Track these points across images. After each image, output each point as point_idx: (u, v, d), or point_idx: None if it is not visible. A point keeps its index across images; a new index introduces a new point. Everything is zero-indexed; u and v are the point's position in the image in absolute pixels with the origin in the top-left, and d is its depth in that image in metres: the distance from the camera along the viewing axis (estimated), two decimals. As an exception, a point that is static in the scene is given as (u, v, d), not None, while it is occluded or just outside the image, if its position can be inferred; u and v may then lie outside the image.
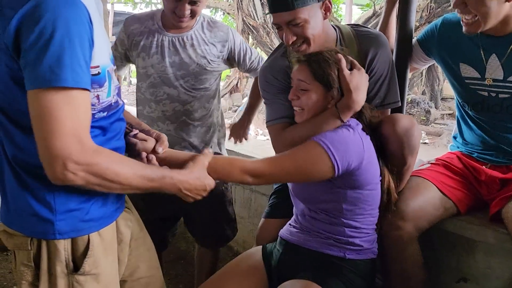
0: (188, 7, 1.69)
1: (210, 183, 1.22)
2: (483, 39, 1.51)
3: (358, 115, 1.40)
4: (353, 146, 1.30)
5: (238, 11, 8.46)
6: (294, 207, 1.53)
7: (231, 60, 1.93)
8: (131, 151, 1.25)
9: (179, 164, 1.22)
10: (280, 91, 1.54)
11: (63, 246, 1.08)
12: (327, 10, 1.44)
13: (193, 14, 1.73)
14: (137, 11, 10.68)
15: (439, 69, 8.65)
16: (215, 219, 2.01)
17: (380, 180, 1.40)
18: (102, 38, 1.04)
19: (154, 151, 1.25)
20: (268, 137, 1.62)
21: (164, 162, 1.25)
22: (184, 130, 1.88)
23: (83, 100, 0.96)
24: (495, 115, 1.56)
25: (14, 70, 0.97)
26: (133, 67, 2.10)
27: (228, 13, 9.70)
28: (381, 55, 1.51)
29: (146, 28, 1.83)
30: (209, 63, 1.84)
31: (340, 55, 1.35)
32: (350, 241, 1.37)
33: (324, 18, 1.45)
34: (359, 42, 1.52)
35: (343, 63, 1.34)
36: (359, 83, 1.34)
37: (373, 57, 1.50)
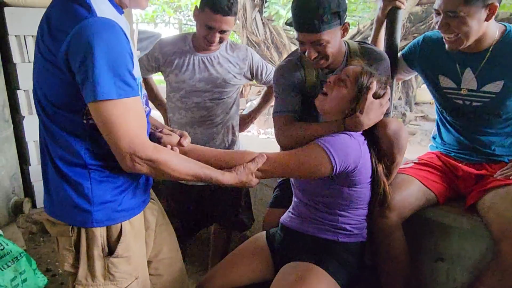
0: (218, 35, 1.70)
1: (252, 184, 1.22)
2: (459, 54, 1.48)
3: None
4: (352, 151, 1.26)
5: (243, 29, 8.44)
6: (294, 197, 1.50)
7: (251, 75, 1.93)
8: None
9: (204, 158, 1.21)
10: (292, 88, 1.50)
11: (100, 233, 1.07)
12: (345, 30, 1.42)
13: (221, 41, 1.74)
14: (158, 29, 10.67)
15: (413, 78, 8.62)
16: (232, 206, 2.01)
17: (373, 179, 1.37)
18: (134, 54, 1.03)
19: (179, 144, 1.23)
20: (268, 136, 1.59)
21: (187, 155, 1.22)
22: (209, 132, 1.88)
23: (134, 106, 0.98)
24: (470, 120, 1.54)
25: (67, 85, 0.97)
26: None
27: (234, 31, 9.66)
28: (382, 69, 1.48)
29: (179, 49, 1.83)
30: (233, 78, 1.85)
31: (374, 84, 1.31)
32: (342, 227, 1.36)
33: (341, 37, 1.42)
34: (364, 56, 1.49)
35: (372, 90, 1.30)
36: (373, 111, 1.30)
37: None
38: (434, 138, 1.76)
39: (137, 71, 1.04)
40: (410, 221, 1.47)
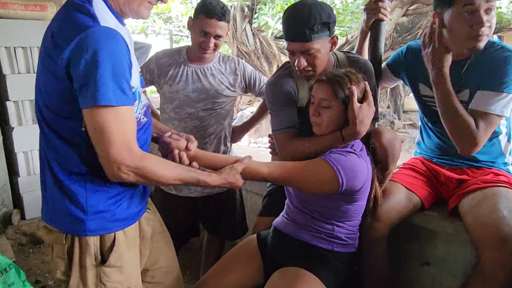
0: (213, 41, 1.74)
1: (238, 185, 1.24)
2: None
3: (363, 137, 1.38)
4: (360, 173, 1.28)
5: (233, 40, 8.52)
6: (287, 202, 1.51)
7: (245, 86, 1.96)
8: (165, 148, 1.27)
9: (210, 163, 1.26)
10: (285, 103, 1.51)
11: (93, 242, 1.08)
12: (333, 44, 1.43)
13: (215, 47, 1.78)
14: (148, 40, 10.69)
15: (401, 87, 8.77)
16: (226, 215, 2.03)
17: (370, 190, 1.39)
18: (134, 63, 1.05)
19: (186, 148, 1.26)
20: (259, 145, 1.62)
21: (194, 159, 1.26)
22: (202, 142, 1.89)
23: (128, 114, 1.00)
24: None
25: (64, 92, 0.98)
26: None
27: (225, 42, 9.73)
28: (367, 79, 1.48)
29: (174, 60, 1.87)
30: (226, 89, 1.88)
31: (354, 88, 1.29)
32: (338, 236, 1.37)
33: (330, 50, 1.45)
34: (350, 66, 1.52)
35: (355, 96, 1.29)
36: (365, 116, 1.30)
37: None
38: (418, 144, 1.81)
39: (135, 81, 1.07)
40: (395, 226, 1.50)
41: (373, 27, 1.71)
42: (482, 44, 1.38)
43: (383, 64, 1.77)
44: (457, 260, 1.51)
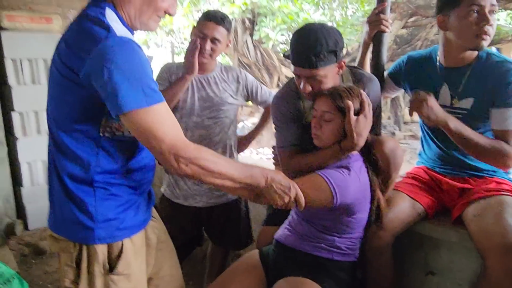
0: (209, 44, 1.78)
1: (294, 185, 1.18)
2: (440, 69, 1.55)
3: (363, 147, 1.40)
4: (353, 187, 1.30)
5: (234, 52, 8.60)
6: (293, 212, 1.52)
7: (247, 94, 2.00)
8: None
9: None
10: (291, 120, 1.52)
11: (101, 250, 1.09)
12: (340, 67, 1.43)
13: (213, 51, 1.80)
14: (150, 52, 10.81)
15: (401, 98, 8.81)
16: (231, 224, 2.03)
17: (371, 201, 1.40)
18: None
19: None
20: (261, 156, 1.63)
21: None
22: None
23: (165, 110, 1.01)
24: (448, 136, 1.56)
25: (85, 100, 1.01)
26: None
27: (226, 54, 9.83)
28: (373, 95, 1.51)
29: (182, 73, 1.89)
30: (229, 97, 1.92)
31: (349, 103, 1.31)
32: (337, 246, 1.38)
33: (337, 73, 1.44)
34: (355, 81, 1.53)
35: (351, 110, 1.31)
36: (362, 129, 1.32)
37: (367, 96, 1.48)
38: (419, 154, 1.82)
39: None
40: (399, 235, 1.50)
41: (375, 38, 1.74)
42: (486, 44, 1.43)
43: (385, 74, 1.79)
44: (462, 269, 1.51)
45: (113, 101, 0.95)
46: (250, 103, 2.17)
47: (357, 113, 1.34)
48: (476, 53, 1.49)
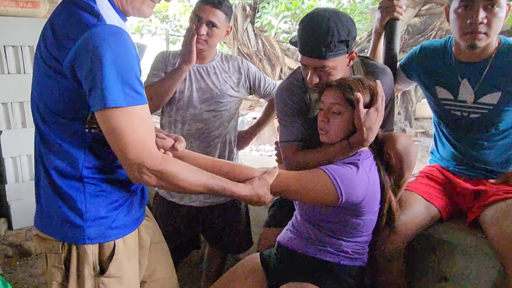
0: (205, 28, 1.77)
1: (267, 200, 1.23)
2: (457, 64, 1.55)
3: (372, 143, 1.39)
4: (359, 184, 1.28)
5: (233, 41, 8.60)
6: (295, 214, 1.52)
7: (249, 87, 1.99)
8: None
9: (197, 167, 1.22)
10: (296, 113, 1.51)
11: (92, 251, 1.08)
12: (351, 59, 1.42)
13: (209, 36, 1.79)
14: (143, 40, 10.77)
15: (412, 93, 8.81)
16: (229, 226, 2.03)
17: (382, 201, 1.39)
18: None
19: (172, 148, 1.25)
20: (261, 152, 1.62)
21: (182, 160, 1.22)
22: (205, 146, 1.92)
23: (142, 114, 1.01)
24: (467, 133, 1.59)
25: (69, 92, 1.00)
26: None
27: (225, 42, 9.81)
28: (386, 87, 1.49)
29: (178, 62, 1.89)
30: (230, 89, 1.91)
31: (358, 95, 1.30)
32: (344, 250, 1.38)
33: (347, 65, 1.43)
34: (367, 73, 1.52)
35: (361, 103, 1.30)
36: (372, 123, 1.31)
37: None
38: (432, 152, 1.82)
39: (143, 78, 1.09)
40: (412, 238, 1.50)
41: (387, 26, 1.73)
42: (479, 43, 1.42)
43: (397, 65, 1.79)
44: (478, 276, 1.51)
45: (97, 94, 0.94)
46: (250, 95, 2.16)
47: (367, 106, 1.33)
48: (493, 45, 1.48)
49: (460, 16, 1.41)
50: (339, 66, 1.37)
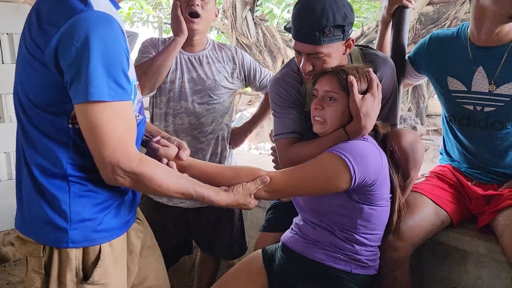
0: (199, 1, 1.78)
1: (249, 207, 1.24)
2: (472, 50, 1.53)
3: (373, 134, 1.40)
4: (372, 160, 1.28)
5: (232, 30, 8.57)
6: (300, 217, 1.51)
7: (244, 78, 2.00)
8: (152, 156, 1.25)
9: (203, 175, 1.25)
10: (291, 105, 1.53)
11: (75, 255, 1.08)
12: (348, 47, 1.43)
13: (203, 8, 1.79)
14: (134, 29, 10.73)
15: (424, 87, 8.81)
16: (222, 230, 2.03)
17: (391, 197, 1.39)
18: (130, 56, 1.07)
19: (177, 157, 1.25)
20: (260, 151, 1.61)
21: (185, 170, 1.25)
22: (198, 142, 1.92)
23: (125, 111, 1.01)
24: (480, 131, 1.57)
25: (51, 84, 1.00)
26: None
27: (222, 32, 9.80)
28: (387, 78, 1.51)
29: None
30: (224, 79, 1.91)
31: (352, 78, 1.31)
32: (357, 258, 1.37)
33: (343, 54, 1.44)
34: (366, 63, 1.52)
35: (355, 87, 1.31)
36: (369, 108, 1.32)
37: (380, 79, 1.47)
38: (441, 153, 1.82)
39: (132, 74, 1.08)
40: (420, 245, 1.51)
41: (395, 15, 1.73)
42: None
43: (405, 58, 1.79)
44: (490, 286, 1.52)
45: (80, 85, 0.94)
46: (249, 89, 2.16)
47: (364, 93, 1.34)
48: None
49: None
50: (334, 54, 1.38)
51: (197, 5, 1.77)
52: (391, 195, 1.39)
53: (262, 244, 1.71)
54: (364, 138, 1.34)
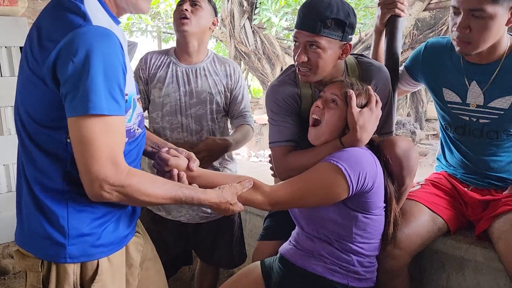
0: (188, 6, 1.82)
1: (236, 209, 1.25)
2: (465, 65, 1.55)
3: (369, 145, 1.41)
4: (368, 166, 1.30)
5: (230, 39, 8.62)
6: (297, 229, 1.51)
7: (227, 98, 1.97)
8: (162, 166, 1.27)
9: (212, 184, 1.25)
10: (288, 113, 1.54)
11: (73, 270, 1.08)
12: (344, 52, 1.46)
13: (193, 13, 1.82)
14: (133, 39, 10.79)
15: (423, 92, 8.83)
16: (222, 240, 2.03)
17: (386, 208, 1.39)
18: (129, 68, 1.08)
19: (187, 168, 1.26)
20: (260, 158, 1.61)
21: (195, 180, 1.26)
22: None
23: (118, 126, 1.01)
24: (476, 139, 1.59)
25: (50, 99, 1.01)
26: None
27: (221, 40, 9.85)
28: (381, 87, 1.53)
29: (162, 62, 1.93)
30: (220, 93, 1.91)
31: (351, 92, 1.35)
32: (355, 270, 1.37)
33: (339, 58, 1.46)
34: (361, 72, 1.55)
35: (353, 101, 1.34)
36: (366, 122, 1.34)
37: (375, 88, 1.50)
38: (438, 158, 1.83)
39: (130, 87, 1.09)
40: (417, 254, 1.51)
41: (388, 24, 1.75)
42: (463, 50, 1.44)
43: (401, 66, 1.80)
44: (489, 293, 1.52)
45: (78, 98, 0.95)
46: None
47: (363, 107, 1.37)
48: (504, 46, 1.48)
49: (451, 20, 1.45)
50: (330, 51, 1.41)
51: (186, 9, 1.81)
52: (385, 205, 1.40)
53: (261, 253, 1.71)
54: (361, 147, 1.35)
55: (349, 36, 1.44)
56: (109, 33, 0.99)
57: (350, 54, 1.59)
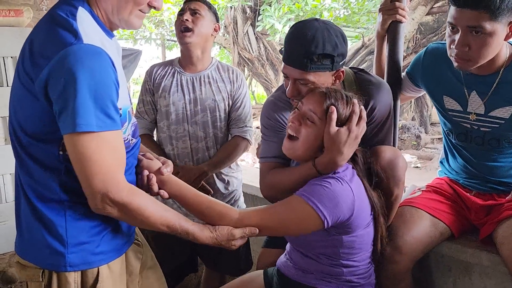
0: (189, 15, 1.85)
1: (237, 244, 1.24)
2: (465, 75, 1.53)
3: (352, 161, 1.34)
4: (343, 200, 1.23)
5: (233, 45, 8.66)
6: (289, 245, 1.49)
7: (229, 104, 1.98)
8: (136, 168, 1.27)
9: (179, 195, 1.24)
10: (279, 130, 1.51)
11: (74, 278, 1.09)
12: (338, 78, 1.41)
13: (194, 23, 1.85)
14: (137, 46, 10.86)
15: (427, 96, 8.82)
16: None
17: (373, 215, 1.35)
18: (122, 81, 1.09)
19: (158, 171, 1.25)
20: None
21: (165, 185, 1.24)
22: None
23: (113, 141, 1.02)
24: (478, 146, 1.58)
25: (41, 113, 1.02)
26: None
27: (224, 47, 9.89)
28: (381, 105, 1.48)
29: (167, 72, 1.95)
30: (224, 99, 1.93)
31: (333, 108, 1.25)
32: (348, 279, 1.35)
33: (332, 84, 1.41)
34: (359, 88, 1.49)
35: (333, 120, 1.25)
36: (342, 143, 1.24)
37: (374, 108, 1.46)
38: (441, 163, 1.81)
39: (124, 100, 1.10)
40: (423, 258, 1.50)
41: (390, 30, 1.74)
42: (462, 66, 1.43)
43: (403, 72, 1.78)
44: (496, 297, 1.50)
45: (68, 116, 0.96)
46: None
47: (343, 124, 1.28)
48: (504, 56, 1.46)
49: (448, 37, 1.43)
50: (321, 83, 1.36)
51: (187, 20, 1.83)
52: (373, 218, 1.36)
53: (264, 260, 1.71)
54: (336, 177, 1.26)
55: (340, 63, 1.39)
56: (99, 51, 1.00)
57: (349, 68, 1.56)
